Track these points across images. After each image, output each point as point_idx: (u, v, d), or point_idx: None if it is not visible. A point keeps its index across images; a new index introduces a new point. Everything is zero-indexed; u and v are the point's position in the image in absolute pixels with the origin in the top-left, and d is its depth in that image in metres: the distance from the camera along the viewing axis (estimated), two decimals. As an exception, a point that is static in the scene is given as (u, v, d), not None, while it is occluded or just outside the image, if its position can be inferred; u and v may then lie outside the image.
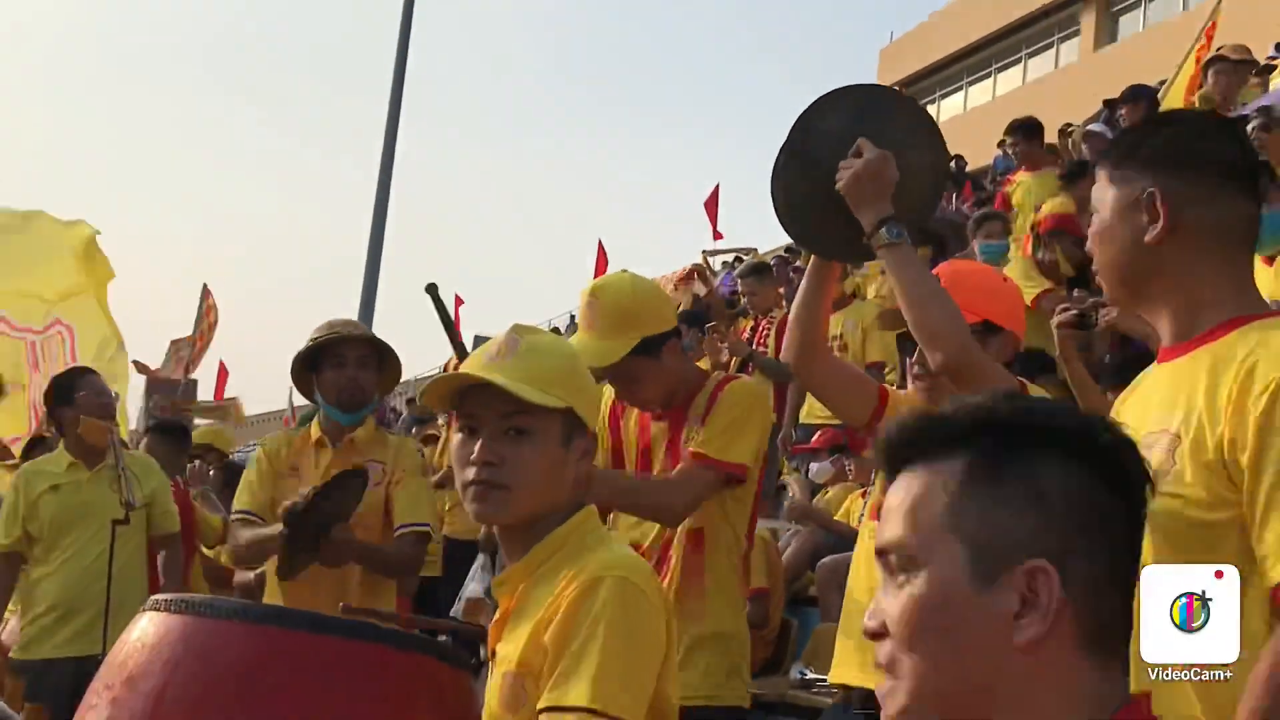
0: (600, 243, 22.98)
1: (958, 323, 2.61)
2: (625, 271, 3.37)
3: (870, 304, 7.61)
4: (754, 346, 7.81)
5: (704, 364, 8.40)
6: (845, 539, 5.78)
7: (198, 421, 10.25)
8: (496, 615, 1.96)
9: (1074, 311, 4.41)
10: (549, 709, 1.78)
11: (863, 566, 3.03)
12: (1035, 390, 4.92)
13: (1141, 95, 8.61)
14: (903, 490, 1.24)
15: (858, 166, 2.60)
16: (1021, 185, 8.64)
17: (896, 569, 1.21)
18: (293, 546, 3.66)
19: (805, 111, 2.71)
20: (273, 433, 4.39)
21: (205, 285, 11.88)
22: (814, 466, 7.45)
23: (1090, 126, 9.23)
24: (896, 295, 2.67)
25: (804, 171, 2.70)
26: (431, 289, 3.45)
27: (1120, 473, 1.21)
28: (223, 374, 17.75)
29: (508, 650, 1.89)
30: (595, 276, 25.77)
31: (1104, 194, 1.88)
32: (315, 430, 4.04)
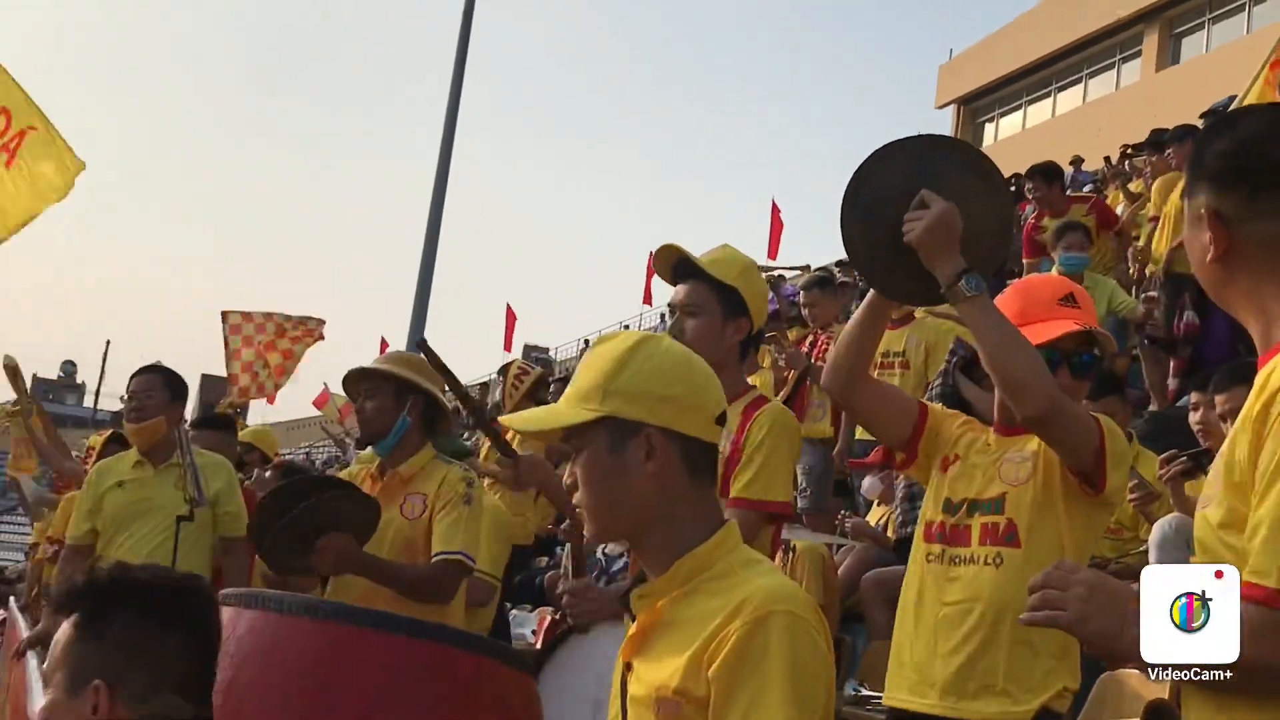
0: (651, 254, 23.03)
1: (1043, 375, 2.57)
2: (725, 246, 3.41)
3: (932, 323, 7.55)
4: (812, 360, 7.77)
5: (760, 378, 8.37)
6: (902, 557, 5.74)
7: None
8: (633, 629, 1.90)
9: (1185, 465, 4.35)
10: None
11: (912, 589, 2.97)
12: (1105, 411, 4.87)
13: (1188, 136, 8.48)
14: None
15: (927, 219, 2.56)
16: (1049, 230, 8.58)
17: None
18: (270, 530, 3.70)
19: (866, 163, 2.68)
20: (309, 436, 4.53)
21: (223, 313, 10.61)
22: (865, 482, 7.40)
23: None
24: (978, 347, 2.64)
25: (869, 222, 2.67)
26: (422, 344, 3.64)
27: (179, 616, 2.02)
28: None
29: (655, 673, 1.82)
30: (646, 287, 25.63)
31: (1185, 205, 1.87)
32: (375, 464, 4.13)
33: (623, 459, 1.87)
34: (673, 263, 3.30)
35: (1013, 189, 17.64)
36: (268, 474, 7.03)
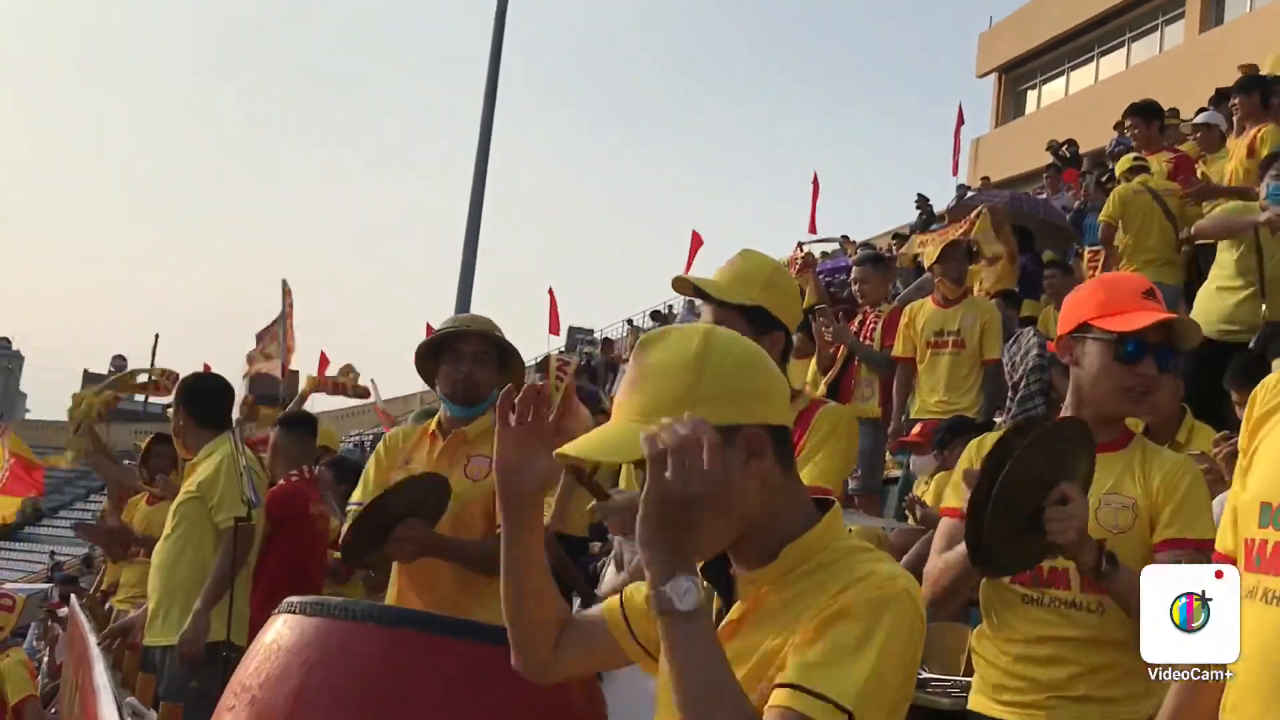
0: (695, 233, 22.89)
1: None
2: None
3: (984, 302, 7.49)
4: (860, 338, 7.74)
5: (805, 366, 8.34)
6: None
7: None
8: (734, 613, 1.80)
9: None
10: (799, 688, 1.60)
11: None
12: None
13: (1255, 85, 8.33)
14: None
15: (1079, 519, 2.44)
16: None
17: None
18: (355, 539, 3.80)
19: (1007, 463, 2.45)
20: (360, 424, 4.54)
21: (284, 281, 11.48)
22: (916, 460, 7.36)
23: (1201, 118, 8.98)
24: (1127, 610, 2.52)
25: (1000, 516, 2.47)
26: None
27: None
28: (324, 362, 18.03)
29: (759, 653, 1.72)
30: (688, 265, 25.62)
31: None
32: (434, 423, 4.09)
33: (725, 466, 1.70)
34: (690, 288, 3.24)
35: (1061, 157, 17.46)
36: (318, 470, 7.07)
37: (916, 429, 7.09)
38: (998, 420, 7.43)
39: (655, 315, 25.43)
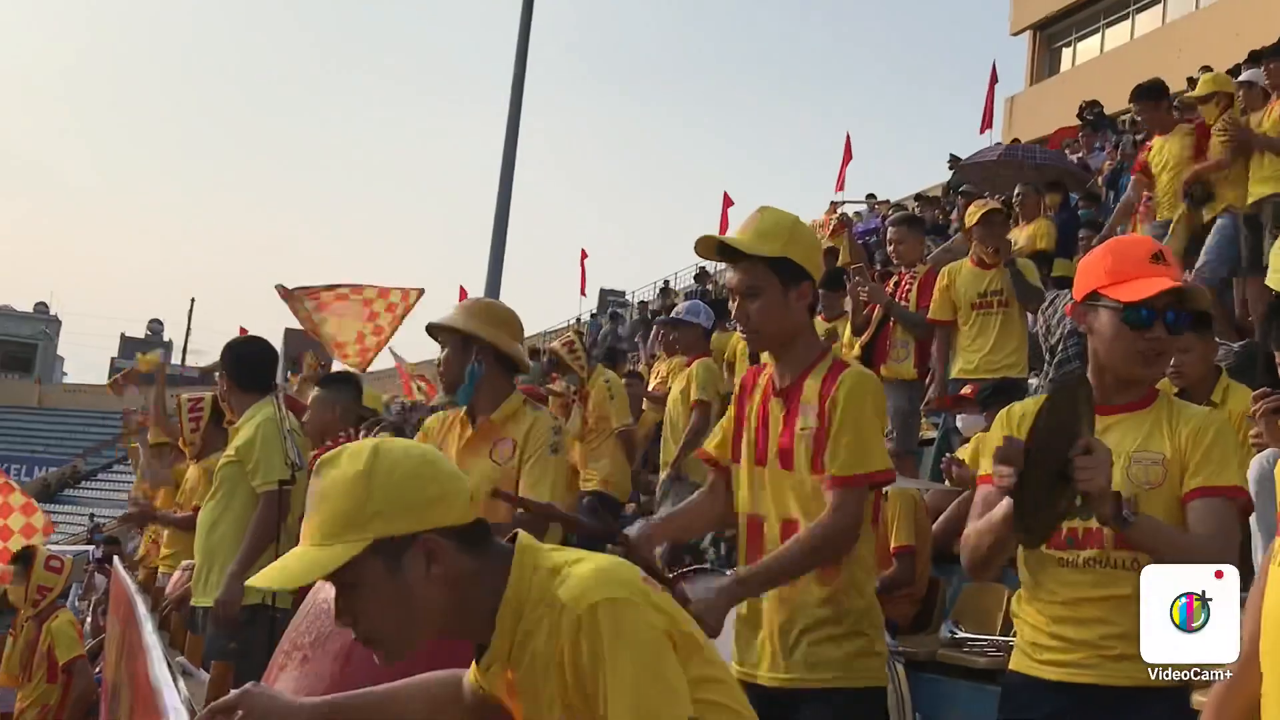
0: (726, 194, 22.82)
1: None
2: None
3: (1024, 263, 7.43)
4: (895, 298, 7.72)
5: (840, 325, 8.33)
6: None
7: None
8: (502, 700, 1.92)
9: (1277, 403, 4.21)
10: None
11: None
12: None
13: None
14: None
15: (1104, 468, 2.44)
16: (1156, 149, 8.41)
17: None
18: None
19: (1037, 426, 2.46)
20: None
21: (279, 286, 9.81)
22: (962, 419, 7.35)
23: (1245, 76, 8.86)
24: (1154, 558, 2.46)
25: (1032, 474, 2.45)
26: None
27: None
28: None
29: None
30: (721, 226, 25.46)
31: None
32: (464, 410, 4.17)
33: (403, 577, 1.83)
34: (714, 249, 3.26)
35: (1084, 119, 17.30)
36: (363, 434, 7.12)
37: (967, 388, 7.07)
38: (1032, 383, 7.41)
39: (698, 276, 25.33)
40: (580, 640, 1.74)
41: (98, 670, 8.76)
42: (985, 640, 5.37)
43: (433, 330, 4.16)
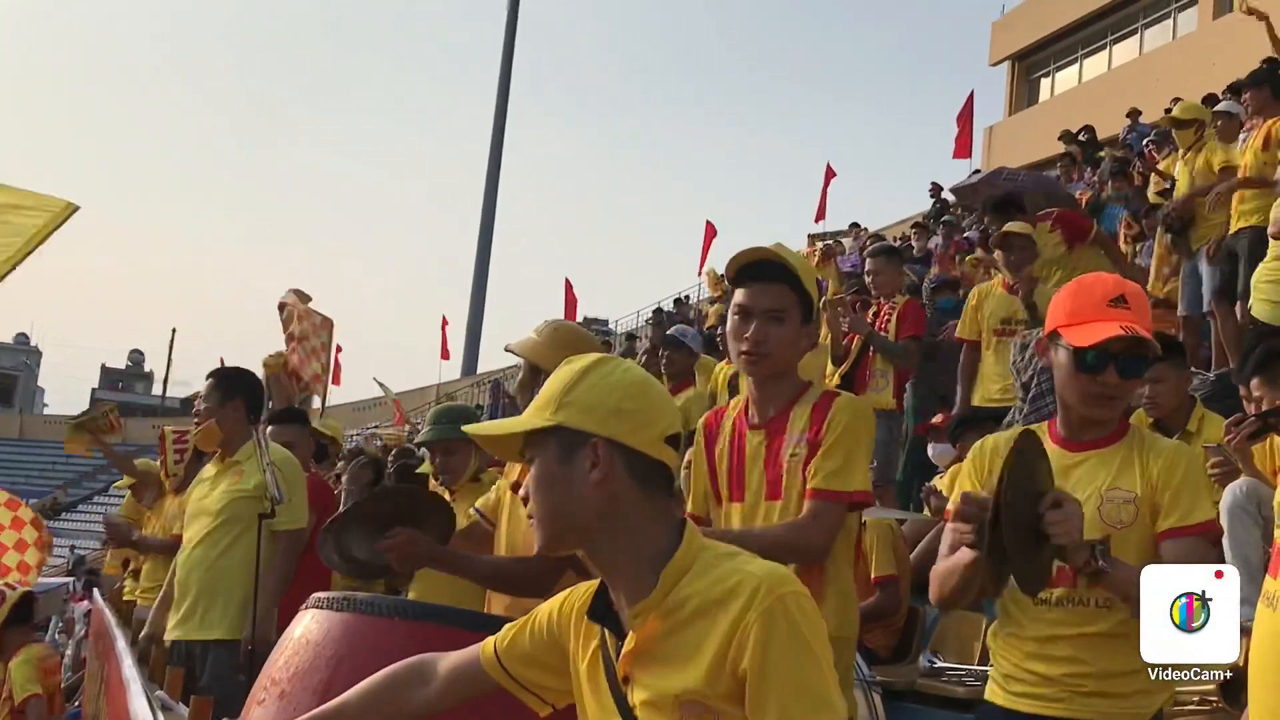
0: (709, 223, 22.88)
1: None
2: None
3: (1043, 290, 7.46)
4: (875, 328, 7.76)
5: (815, 357, 8.36)
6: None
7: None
8: (629, 644, 1.93)
9: (1254, 426, 4.23)
10: None
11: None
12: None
13: (1264, 78, 8.28)
14: None
15: (1076, 520, 2.46)
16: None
17: None
18: (338, 536, 3.68)
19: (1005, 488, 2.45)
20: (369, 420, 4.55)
21: (280, 301, 9.96)
22: (933, 449, 7.37)
23: (1222, 107, 8.96)
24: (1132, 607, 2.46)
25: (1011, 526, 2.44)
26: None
27: None
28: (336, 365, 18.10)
29: (670, 679, 1.88)
30: (703, 256, 25.45)
31: None
32: None
33: (569, 469, 1.94)
34: (757, 262, 3.22)
35: (1079, 144, 17.40)
36: (340, 463, 7.13)
37: (938, 417, 7.08)
38: (1005, 419, 7.43)
39: (677, 302, 25.49)
40: (776, 617, 1.81)
41: (77, 704, 8.70)
42: (964, 670, 5.39)
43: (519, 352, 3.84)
